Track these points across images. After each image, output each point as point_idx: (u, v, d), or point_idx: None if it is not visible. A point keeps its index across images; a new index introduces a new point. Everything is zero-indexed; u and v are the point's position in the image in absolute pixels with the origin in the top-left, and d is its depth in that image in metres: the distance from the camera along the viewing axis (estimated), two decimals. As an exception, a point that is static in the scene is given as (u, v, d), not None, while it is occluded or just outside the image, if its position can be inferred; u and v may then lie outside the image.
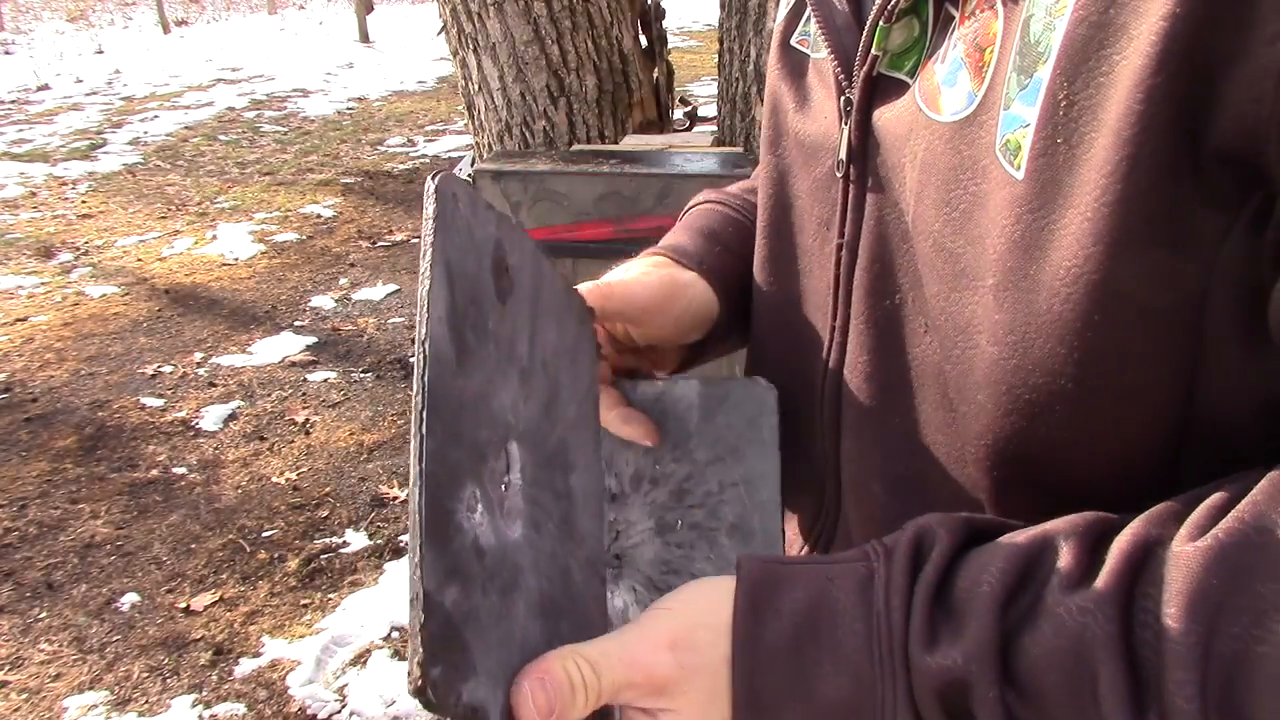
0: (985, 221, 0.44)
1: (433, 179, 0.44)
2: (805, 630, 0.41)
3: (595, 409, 0.57)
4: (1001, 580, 0.39)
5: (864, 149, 0.52)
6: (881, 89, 0.51)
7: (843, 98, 0.53)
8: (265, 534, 2.61)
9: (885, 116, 0.51)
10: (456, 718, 0.38)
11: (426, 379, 0.41)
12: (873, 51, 0.50)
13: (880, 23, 0.49)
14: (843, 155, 0.54)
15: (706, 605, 0.43)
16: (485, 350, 0.45)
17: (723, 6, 2.09)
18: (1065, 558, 0.39)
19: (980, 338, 0.45)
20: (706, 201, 0.75)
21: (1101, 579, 0.37)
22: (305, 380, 3.46)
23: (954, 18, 0.47)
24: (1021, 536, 0.41)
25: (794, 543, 0.63)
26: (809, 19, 0.59)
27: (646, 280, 0.62)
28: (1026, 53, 0.41)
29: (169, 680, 2.14)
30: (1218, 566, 0.35)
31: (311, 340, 3.78)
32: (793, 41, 0.61)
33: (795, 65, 0.61)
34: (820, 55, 0.57)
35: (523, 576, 0.43)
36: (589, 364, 0.56)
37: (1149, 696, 0.35)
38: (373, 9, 11.99)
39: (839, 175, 0.54)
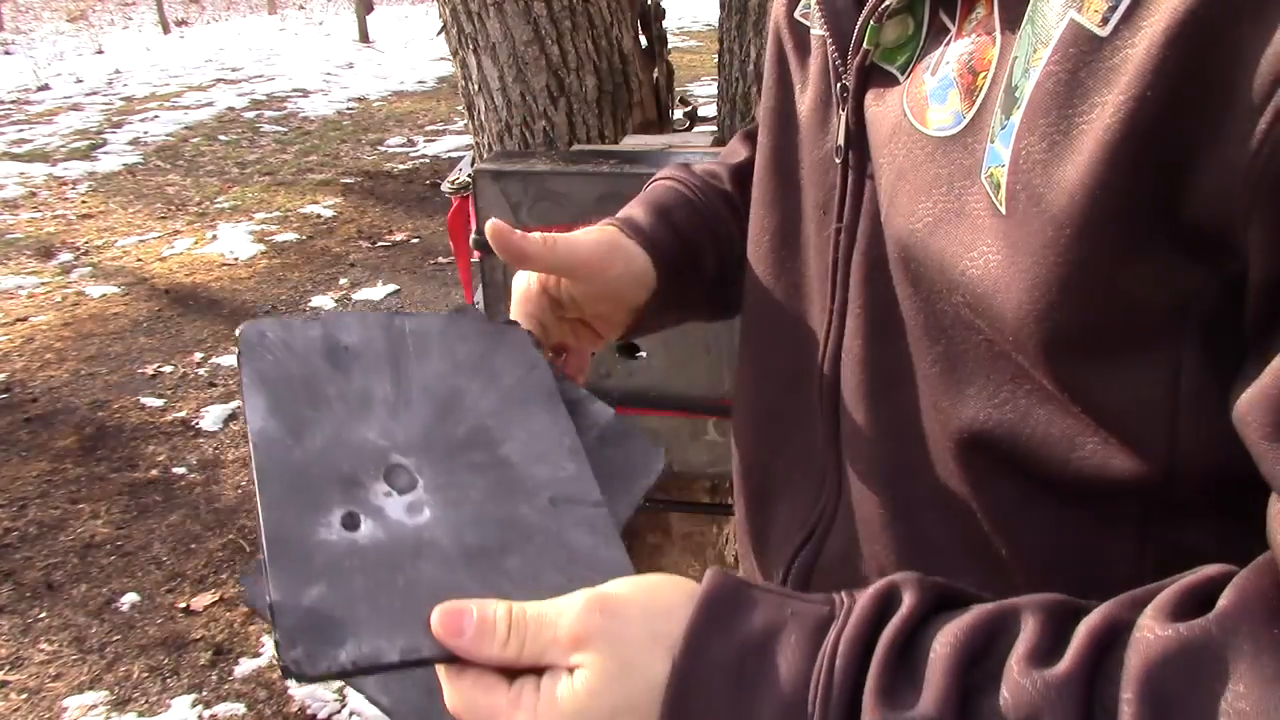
0: (948, 240, 0.44)
1: (239, 331, 0.54)
2: (750, 655, 0.39)
3: (540, 385, 0.58)
4: (965, 642, 0.38)
5: (860, 136, 0.53)
6: (874, 79, 0.52)
7: (839, 84, 0.53)
8: (265, 534, 2.61)
9: (874, 110, 0.51)
10: (338, 677, 0.46)
11: (255, 460, 0.50)
12: (865, 45, 0.50)
13: (871, 22, 0.49)
14: (840, 141, 0.54)
15: (654, 594, 0.42)
16: (327, 412, 0.53)
17: (723, 6, 2.08)
18: (1031, 630, 0.37)
19: (972, 334, 0.45)
20: (668, 179, 0.76)
21: (1067, 656, 0.36)
22: (305, 380, 3.46)
23: (948, 30, 0.47)
24: (988, 606, 0.40)
25: (792, 527, 0.63)
26: None
27: (589, 236, 0.64)
28: (1009, 94, 0.41)
29: (169, 680, 2.14)
30: (1179, 660, 0.34)
31: (311, 340, 3.77)
32: (796, 14, 0.61)
33: (800, 40, 0.61)
34: (818, 32, 0.58)
35: (430, 546, 0.50)
36: (515, 359, 0.59)
37: None
38: (373, 9, 11.99)
39: (837, 160, 0.55)
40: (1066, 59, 0.38)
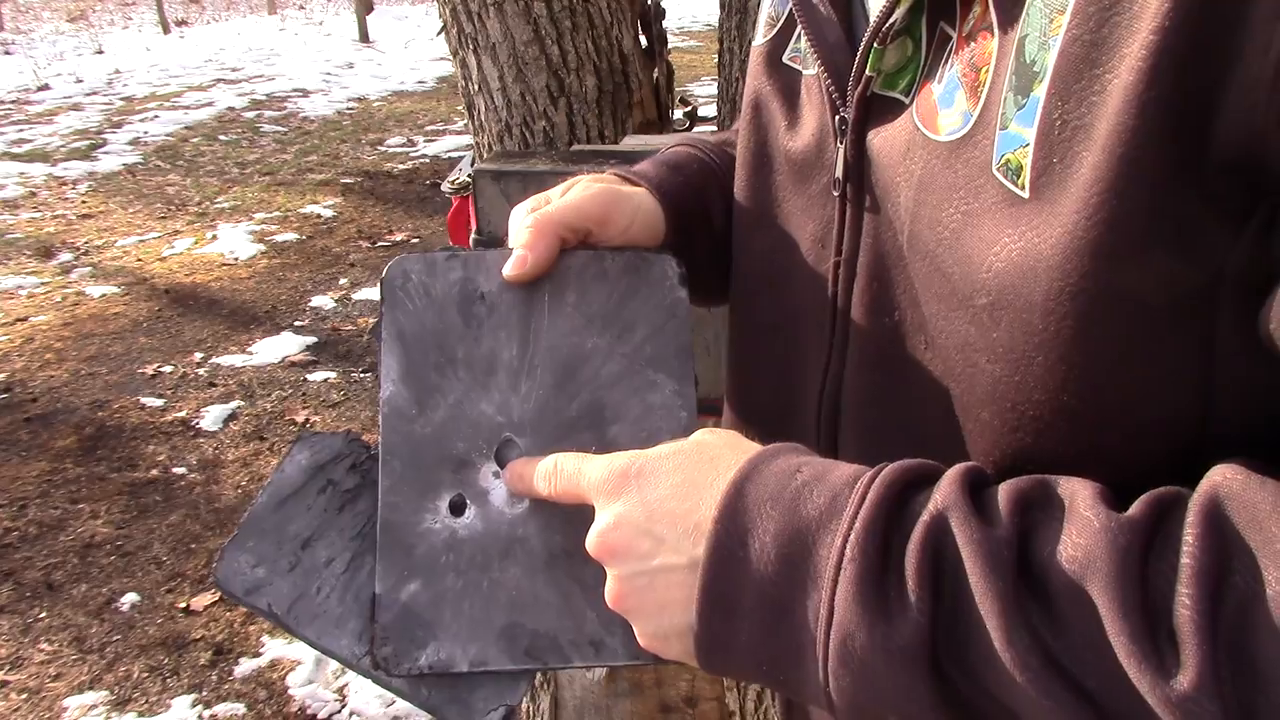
0: (974, 241, 0.44)
1: (385, 272, 0.55)
2: (805, 465, 0.44)
3: (673, 340, 0.57)
4: (1016, 491, 0.40)
5: (860, 168, 0.52)
6: (876, 108, 0.51)
7: (837, 117, 0.53)
8: (265, 534, 2.61)
9: (881, 135, 0.51)
10: (413, 678, 0.50)
11: (382, 433, 0.53)
12: (867, 73, 0.50)
13: (875, 45, 0.49)
14: (839, 174, 0.53)
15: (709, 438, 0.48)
16: (453, 379, 0.54)
17: (723, 6, 2.09)
18: (1086, 488, 0.39)
19: (979, 356, 0.45)
20: (680, 144, 0.75)
21: (1134, 506, 0.37)
22: (305, 380, 3.46)
23: (950, 38, 0.47)
24: (1022, 478, 0.42)
25: None
26: (799, 37, 0.59)
27: (588, 192, 0.60)
28: (1022, 73, 0.41)
29: (169, 680, 2.14)
30: (1248, 494, 0.35)
31: (311, 340, 3.78)
32: (785, 59, 0.61)
33: (787, 83, 0.61)
34: (811, 72, 0.57)
35: (520, 545, 0.52)
36: (654, 303, 0.57)
37: (1160, 618, 0.35)
38: (373, 9, 11.99)
39: (835, 193, 0.54)
40: (1087, 19, 0.38)
